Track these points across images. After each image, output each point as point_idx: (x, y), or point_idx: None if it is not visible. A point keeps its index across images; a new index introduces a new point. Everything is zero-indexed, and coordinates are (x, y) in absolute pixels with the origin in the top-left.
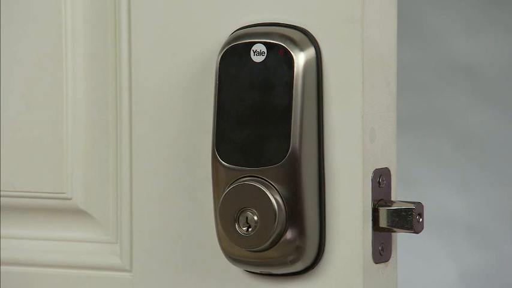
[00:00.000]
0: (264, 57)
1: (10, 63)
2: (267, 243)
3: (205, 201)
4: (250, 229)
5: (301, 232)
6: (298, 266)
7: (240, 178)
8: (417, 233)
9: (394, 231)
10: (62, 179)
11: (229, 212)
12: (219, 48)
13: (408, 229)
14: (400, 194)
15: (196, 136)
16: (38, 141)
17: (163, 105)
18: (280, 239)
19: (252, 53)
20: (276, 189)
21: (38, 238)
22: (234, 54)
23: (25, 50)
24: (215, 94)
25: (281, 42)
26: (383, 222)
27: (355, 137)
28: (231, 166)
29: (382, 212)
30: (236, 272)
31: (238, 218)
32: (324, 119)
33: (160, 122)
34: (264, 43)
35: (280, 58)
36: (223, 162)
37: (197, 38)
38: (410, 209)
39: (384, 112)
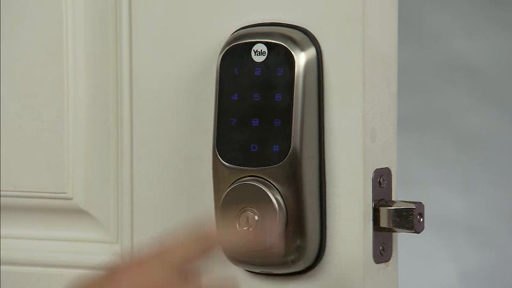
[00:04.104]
0: (265, 57)
1: (10, 62)
2: (268, 243)
3: (206, 201)
4: (251, 229)
5: (302, 232)
6: (299, 266)
7: (240, 178)
8: (418, 232)
9: (395, 231)
10: (62, 179)
11: (230, 211)
12: (220, 48)
13: (409, 229)
14: (400, 194)
15: (197, 136)
16: (38, 141)
17: (164, 105)
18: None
19: (252, 52)
20: (277, 189)
21: (38, 238)
22: (234, 54)
23: (26, 49)
24: (216, 94)
25: (282, 42)
26: (384, 222)
27: (355, 137)
28: (232, 166)
29: (383, 211)
30: (237, 271)
31: (239, 218)
32: (324, 119)
33: (161, 122)
34: (265, 43)
35: (281, 58)
36: (224, 162)
37: (198, 38)
38: (411, 209)
39: (384, 112)
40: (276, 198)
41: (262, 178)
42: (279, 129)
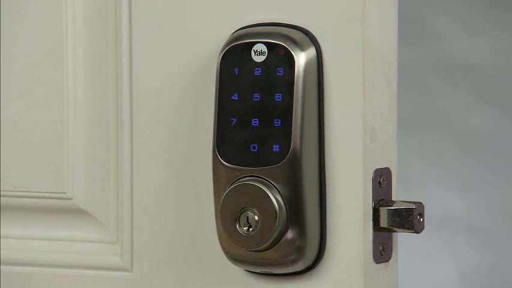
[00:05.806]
0: (265, 57)
1: (10, 62)
2: (268, 243)
3: (206, 201)
4: (251, 229)
5: (301, 232)
6: (299, 266)
7: (240, 178)
8: (418, 232)
9: (395, 231)
10: (62, 178)
11: (230, 211)
12: (220, 48)
13: (409, 229)
14: (400, 194)
15: (197, 136)
16: (38, 141)
17: (164, 105)
18: (281, 238)
19: (252, 52)
20: (277, 189)
21: (38, 238)
22: (234, 54)
23: (25, 49)
24: (216, 94)
25: (282, 42)
26: (384, 222)
27: (355, 137)
28: (232, 166)
29: (383, 211)
30: (237, 271)
31: (239, 218)
32: (324, 119)
33: (161, 122)
34: (265, 43)
35: (281, 58)
36: (224, 162)
37: (198, 37)
38: (411, 209)
39: (384, 112)
40: (276, 198)
41: (262, 178)
42: (279, 129)
